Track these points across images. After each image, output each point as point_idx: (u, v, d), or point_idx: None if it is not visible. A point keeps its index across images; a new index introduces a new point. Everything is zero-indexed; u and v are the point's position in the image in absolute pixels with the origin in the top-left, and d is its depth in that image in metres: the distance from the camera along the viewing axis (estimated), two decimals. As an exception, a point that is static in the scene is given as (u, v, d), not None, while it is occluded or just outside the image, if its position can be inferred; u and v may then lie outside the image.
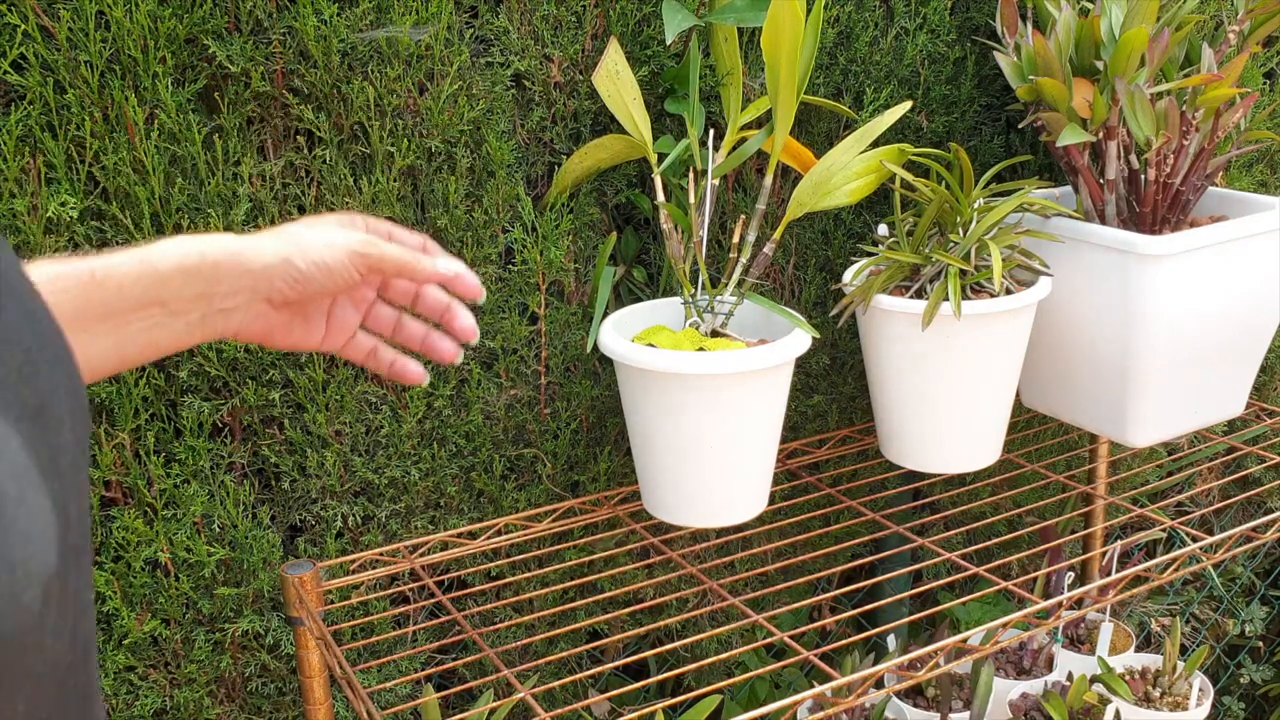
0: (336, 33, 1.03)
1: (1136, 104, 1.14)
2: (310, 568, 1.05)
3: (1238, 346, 1.27)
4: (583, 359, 1.25)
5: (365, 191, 1.08)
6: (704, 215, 1.14)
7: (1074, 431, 1.54)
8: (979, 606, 1.74)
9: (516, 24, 1.13)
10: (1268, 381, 1.84)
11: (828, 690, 0.96)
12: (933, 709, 1.41)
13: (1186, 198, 1.21)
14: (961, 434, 1.19)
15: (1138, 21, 1.14)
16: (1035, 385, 1.31)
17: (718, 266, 1.27)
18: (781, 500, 1.30)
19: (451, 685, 1.23)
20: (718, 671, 1.50)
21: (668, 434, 1.08)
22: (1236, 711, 2.12)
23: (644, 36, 1.18)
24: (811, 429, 1.42)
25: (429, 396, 1.17)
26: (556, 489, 1.27)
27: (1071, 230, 1.20)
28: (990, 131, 1.46)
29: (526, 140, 1.17)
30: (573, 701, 1.36)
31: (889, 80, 1.34)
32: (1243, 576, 2.14)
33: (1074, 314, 1.22)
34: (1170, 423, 1.26)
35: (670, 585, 1.32)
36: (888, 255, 1.17)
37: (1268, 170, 1.71)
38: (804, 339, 1.08)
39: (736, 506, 1.12)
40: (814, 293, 1.37)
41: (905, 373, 1.17)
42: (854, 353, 1.41)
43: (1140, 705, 1.45)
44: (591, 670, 1.02)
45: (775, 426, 1.11)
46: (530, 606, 1.26)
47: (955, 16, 1.38)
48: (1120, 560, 1.40)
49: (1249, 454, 1.42)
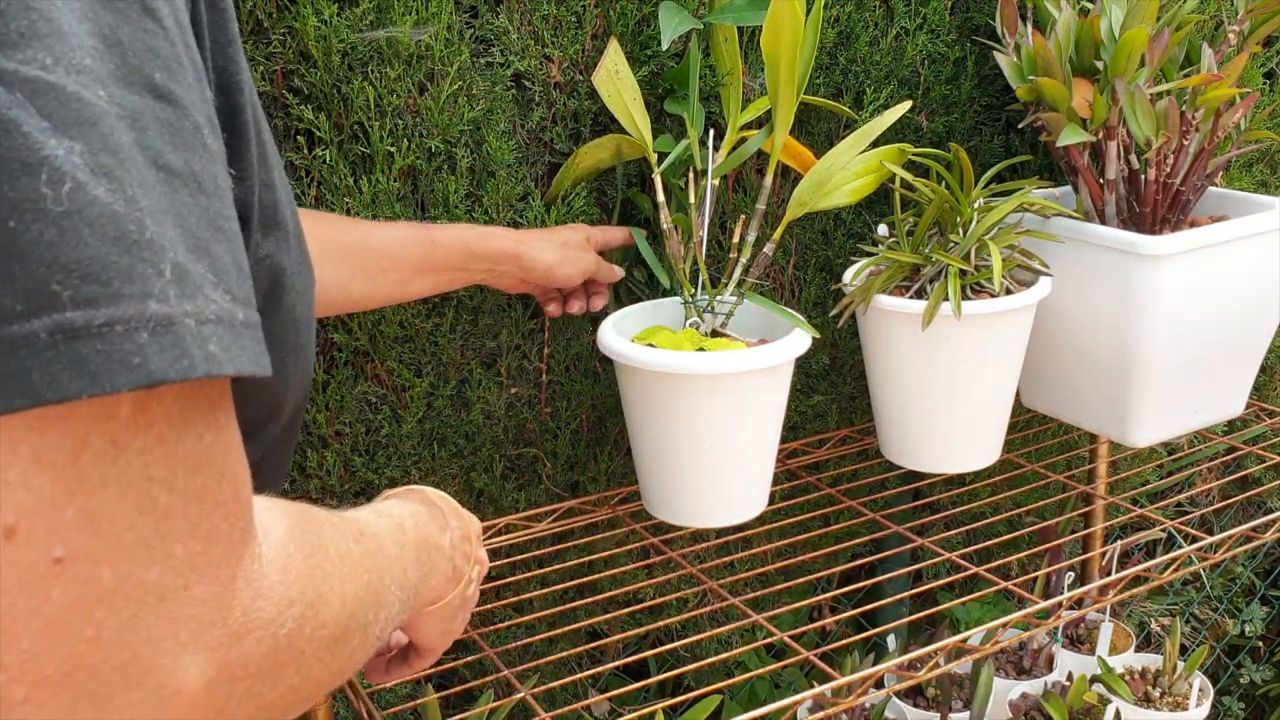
0: (336, 33, 1.03)
1: (1136, 104, 1.14)
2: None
3: (1238, 346, 1.27)
4: (583, 358, 1.25)
5: (365, 191, 1.08)
6: (704, 215, 1.14)
7: (1074, 431, 1.54)
8: (979, 606, 1.74)
9: (516, 24, 1.13)
10: (1268, 381, 1.84)
11: (828, 690, 0.96)
12: (933, 709, 1.41)
13: (1186, 198, 1.21)
14: (961, 434, 1.19)
15: (1138, 21, 1.14)
16: (1035, 385, 1.31)
17: (718, 266, 1.27)
18: (781, 500, 1.30)
19: (451, 685, 1.23)
20: (718, 671, 1.50)
21: (668, 434, 1.08)
22: (1236, 711, 2.12)
23: (644, 36, 1.18)
24: (811, 429, 1.42)
25: (429, 396, 1.17)
26: (557, 489, 1.27)
27: (1071, 230, 1.20)
28: (990, 131, 1.46)
29: (526, 140, 1.17)
30: (573, 701, 1.36)
31: (889, 80, 1.34)
32: (1243, 576, 2.14)
33: (1074, 314, 1.22)
34: (1170, 423, 1.26)
35: (670, 585, 1.32)
36: (888, 255, 1.17)
37: (1268, 170, 1.71)
38: (804, 339, 1.08)
39: (736, 506, 1.12)
40: (814, 293, 1.37)
41: (905, 373, 1.17)
42: (854, 353, 1.41)
43: (1140, 705, 1.45)
44: (591, 670, 1.02)
45: (775, 426, 1.11)
46: (530, 606, 1.26)
47: (955, 16, 1.38)
48: (1120, 560, 1.40)
49: (1249, 454, 1.42)
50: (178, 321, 0.37)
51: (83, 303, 0.35)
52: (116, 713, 0.38)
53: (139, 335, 0.36)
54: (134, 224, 0.36)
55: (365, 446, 1.16)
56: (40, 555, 0.36)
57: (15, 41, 0.35)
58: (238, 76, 0.49)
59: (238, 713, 0.43)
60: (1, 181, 0.34)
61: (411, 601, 0.63)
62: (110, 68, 0.37)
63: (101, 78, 0.37)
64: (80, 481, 0.36)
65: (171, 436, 0.39)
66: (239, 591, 0.41)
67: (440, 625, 0.73)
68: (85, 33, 0.37)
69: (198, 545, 0.39)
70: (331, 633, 0.48)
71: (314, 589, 0.47)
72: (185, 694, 0.40)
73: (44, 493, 0.36)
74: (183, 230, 0.38)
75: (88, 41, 0.37)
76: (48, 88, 0.35)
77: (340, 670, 0.50)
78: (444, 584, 0.69)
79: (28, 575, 0.36)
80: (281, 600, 0.44)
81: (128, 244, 0.36)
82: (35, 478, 0.36)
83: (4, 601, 0.36)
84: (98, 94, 0.37)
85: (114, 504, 0.37)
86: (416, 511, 0.67)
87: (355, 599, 0.51)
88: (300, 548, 0.47)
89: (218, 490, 0.40)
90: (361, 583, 0.52)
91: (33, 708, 0.37)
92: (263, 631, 0.43)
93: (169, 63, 0.40)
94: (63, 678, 0.37)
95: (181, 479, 0.39)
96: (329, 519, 0.53)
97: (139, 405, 0.37)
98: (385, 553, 0.58)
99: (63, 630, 0.36)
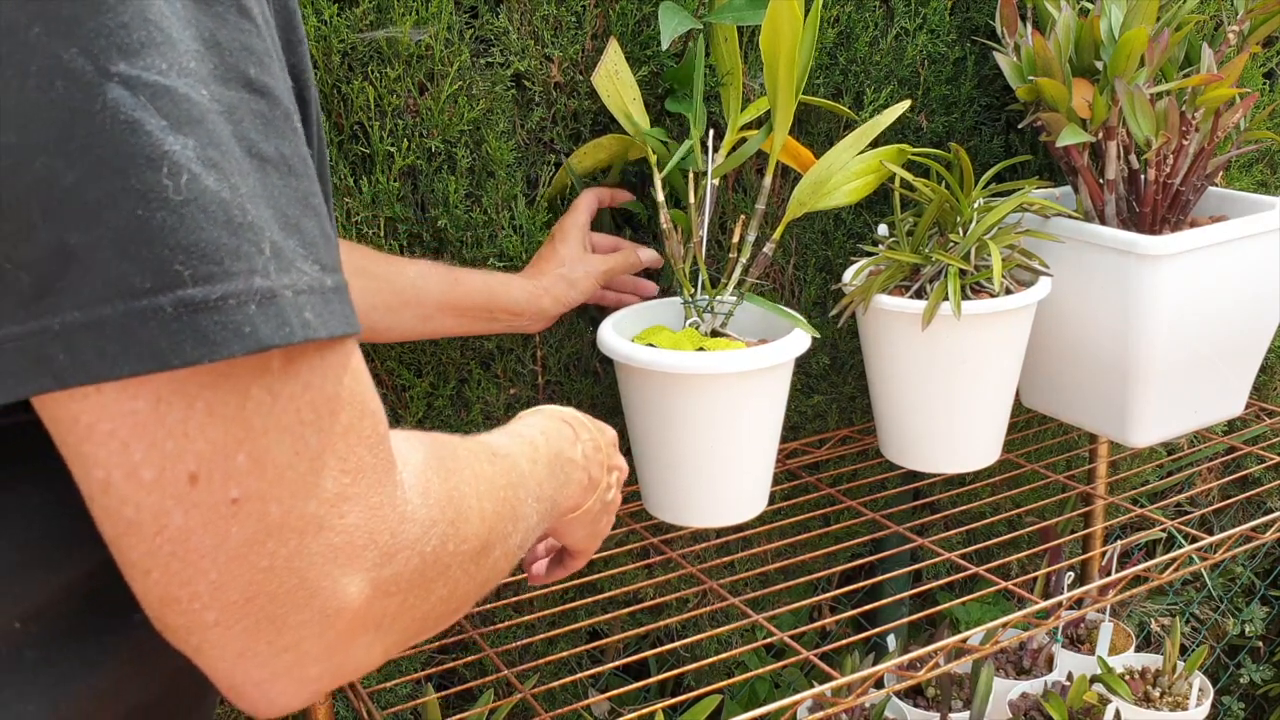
0: (337, 33, 1.03)
1: (1136, 104, 1.14)
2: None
3: (1238, 346, 1.27)
4: (583, 358, 1.25)
5: (365, 191, 1.08)
6: (704, 215, 1.14)
7: (1074, 431, 1.54)
8: (979, 606, 1.74)
9: (516, 24, 1.13)
10: (1268, 381, 1.84)
11: (828, 690, 0.96)
12: (933, 709, 1.41)
13: (1186, 198, 1.21)
14: (961, 434, 1.19)
15: (1138, 22, 1.14)
16: (1035, 385, 1.31)
17: (718, 266, 1.27)
18: (781, 500, 1.30)
19: (452, 685, 1.23)
20: (718, 671, 1.50)
21: (668, 434, 1.08)
22: (1236, 711, 2.12)
23: (644, 36, 1.18)
24: (811, 429, 1.42)
25: (429, 396, 1.17)
26: (556, 489, 1.27)
27: (1071, 230, 1.20)
28: (990, 131, 1.46)
29: (526, 140, 1.17)
30: (573, 701, 1.36)
31: (889, 80, 1.34)
32: (1243, 576, 2.14)
33: (1074, 314, 1.22)
34: (1170, 423, 1.26)
35: (670, 585, 1.32)
36: (888, 255, 1.17)
37: (1268, 170, 1.71)
38: (804, 339, 1.08)
39: (736, 506, 1.12)
40: (814, 293, 1.37)
41: (905, 373, 1.17)
42: (854, 353, 1.41)
43: (1140, 705, 1.45)
44: (591, 670, 1.02)
45: (775, 426, 1.11)
46: (530, 606, 1.26)
47: (955, 16, 1.38)
48: (1120, 560, 1.40)
49: (1249, 454, 1.42)
50: (278, 294, 0.42)
51: (201, 280, 0.40)
52: (290, 631, 0.44)
53: (248, 307, 0.41)
54: (238, 209, 0.41)
55: (365, 446, 1.16)
56: (219, 498, 0.42)
57: (137, 50, 0.40)
58: (306, 75, 0.52)
59: (394, 625, 0.49)
60: (130, 175, 0.39)
61: (551, 512, 0.69)
62: (210, 67, 0.43)
63: (204, 78, 0.42)
64: (247, 430, 0.42)
65: (316, 383, 0.44)
66: (386, 516, 0.47)
67: (584, 530, 0.80)
68: (189, 37, 0.42)
69: (347, 478, 0.45)
70: (473, 547, 0.54)
71: (453, 508, 0.52)
72: (347, 612, 0.46)
73: (218, 442, 0.42)
74: (275, 211, 0.43)
75: (191, 45, 0.42)
76: (164, 90, 0.40)
77: (485, 580, 0.56)
78: (581, 493, 0.75)
79: (210, 515, 0.42)
80: (425, 521, 0.49)
81: (234, 227, 0.41)
82: (210, 429, 0.42)
83: (192, 540, 0.42)
84: (201, 93, 0.42)
85: (275, 447, 0.43)
86: (546, 428, 0.73)
87: (494, 514, 0.56)
88: (438, 472, 0.52)
89: (359, 427, 0.46)
90: (498, 499, 0.57)
91: (221, 630, 0.44)
92: (410, 550, 0.48)
93: (261, 57, 0.45)
94: (245, 603, 0.43)
95: (327, 420, 0.45)
96: (463, 444, 0.58)
97: (287, 358, 0.43)
98: (519, 470, 0.64)
99: (242, 562, 0.43)
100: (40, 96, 0.39)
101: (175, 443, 0.41)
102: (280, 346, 0.42)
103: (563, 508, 0.73)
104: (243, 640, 0.44)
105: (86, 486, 0.42)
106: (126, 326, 0.39)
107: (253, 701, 0.46)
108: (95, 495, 0.42)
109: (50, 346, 0.39)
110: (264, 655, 0.44)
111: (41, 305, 0.39)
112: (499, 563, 0.58)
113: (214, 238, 0.40)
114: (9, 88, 0.39)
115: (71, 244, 0.39)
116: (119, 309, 0.39)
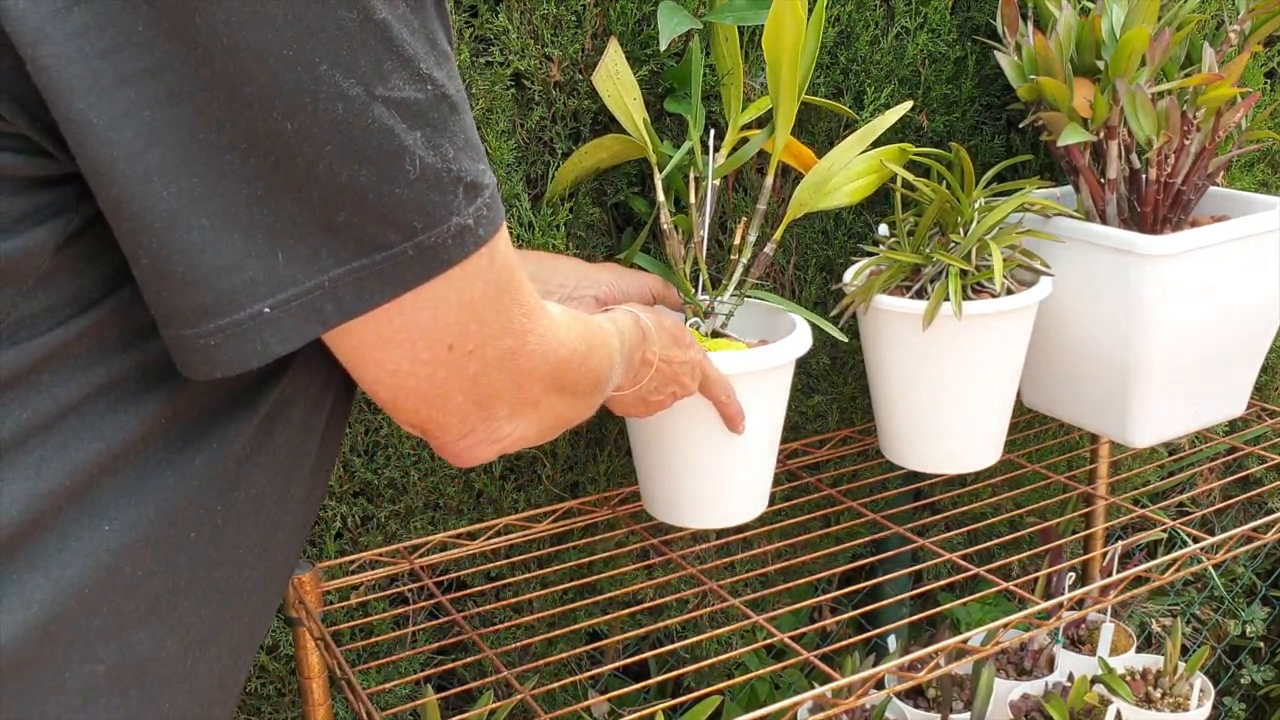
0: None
1: (1137, 104, 1.14)
2: (309, 568, 1.05)
3: (1239, 346, 1.27)
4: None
5: (365, 191, 1.08)
6: (704, 216, 1.13)
7: (1075, 431, 1.53)
8: (980, 607, 1.73)
9: (516, 24, 1.13)
10: (1269, 381, 1.84)
11: (828, 691, 0.96)
12: (933, 710, 1.41)
13: (1188, 197, 1.21)
14: (962, 434, 1.19)
15: (1139, 21, 1.14)
16: (1036, 385, 1.31)
17: (718, 267, 1.27)
18: (782, 501, 1.30)
19: (451, 686, 1.22)
20: (718, 672, 1.49)
21: (667, 434, 1.07)
22: (1238, 712, 2.12)
23: (644, 36, 1.18)
24: (811, 429, 1.42)
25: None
26: (556, 490, 1.27)
27: (1072, 230, 1.20)
28: (991, 131, 1.46)
29: (526, 140, 1.17)
30: (572, 703, 1.36)
31: (889, 80, 1.34)
32: (1244, 577, 2.14)
33: (1075, 314, 1.22)
34: (1171, 423, 1.26)
35: (670, 586, 1.32)
36: (888, 255, 1.17)
37: (1269, 170, 1.71)
38: (805, 339, 1.08)
39: (737, 507, 1.12)
40: (814, 293, 1.37)
41: (906, 373, 1.17)
42: (854, 353, 1.40)
43: (1141, 706, 1.45)
44: (591, 671, 1.02)
45: (776, 427, 1.11)
46: (530, 607, 1.25)
47: (956, 16, 1.38)
48: (1121, 561, 1.39)
49: (1250, 454, 1.42)
50: (468, 216, 0.59)
51: (426, 229, 0.57)
52: (496, 419, 0.68)
53: (450, 237, 0.58)
54: (447, 174, 0.57)
55: (365, 446, 1.16)
56: (462, 353, 0.63)
57: (387, 76, 0.55)
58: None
59: (554, 418, 0.74)
60: (388, 164, 0.55)
61: (622, 380, 0.91)
62: (430, 63, 0.57)
63: (426, 75, 0.56)
64: (475, 309, 0.62)
65: (499, 257, 0.62)
66: (549, 340, 0.69)
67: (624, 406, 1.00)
68: (419, 42, 0.56)
69: (524, 319, 0.66)
70: (594, 377, 0.78)
71: (584, 344, 0.75)
72: (540, 407, 0.71)
73: (460, 318, 0.61)
74: (460, 148, 0.58)
75: (419, 49, 0.56)
76: (403, 101, 0.55)
77: (592, 406, 0.81)
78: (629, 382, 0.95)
79: (459, 366, 0.63)
80: (571, 345, 0.72)
81: (443, 188, 0.57)
82: (457, 312, 0.61)
83: (451, 384, 0.64)
84: (426, 90, 0.56)
85: (487, 310, 0.62)
86: (629, 330, 0.92)
87: (603, 359, 0.80)
88: (574, 320, 0.76)
89: (521, 284, 0.65)
90: (604, 353, 0.80)
91: (458, 421, 0.67)
92: (565, 364, 0.72)
93: (448, 31, 0.60)
94: (476, 407, 0.66)
95: (507, 279, 0.63)
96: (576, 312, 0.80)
97: (490, 253, 0.61)
98: (612, 344, 0.84)
99: (479, 386, 0.65)
100: (327, 114, 0.53)
101: (441, 330, 0.61)
102: (482, 246, 0.60)
103: (628, 381, 0.95)
104: (467, 425, 0.67)
105: (376, 374, 0.62)
106: (396, 265, 0.57)
107: (463, 459, 0.70)
108: (383, 379, 0.62)
109: (339, 290, 0.56)
110: (480, 434, 0.68)
111: (316, 265, 0.55)
112: (600, 399, 0.82)
113: (432, 199, 0.57)
114: (303, 109, 0.52)
115: (339, 221, 0.55)
116: (379, 258, 0.56)
